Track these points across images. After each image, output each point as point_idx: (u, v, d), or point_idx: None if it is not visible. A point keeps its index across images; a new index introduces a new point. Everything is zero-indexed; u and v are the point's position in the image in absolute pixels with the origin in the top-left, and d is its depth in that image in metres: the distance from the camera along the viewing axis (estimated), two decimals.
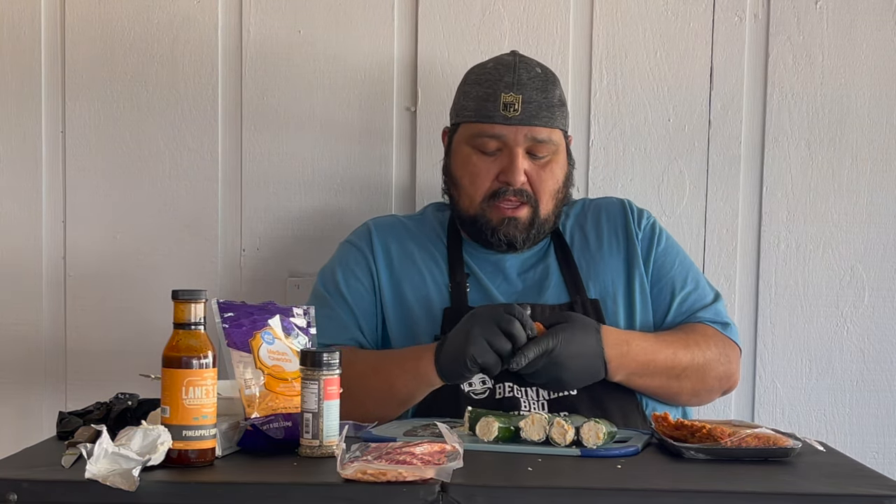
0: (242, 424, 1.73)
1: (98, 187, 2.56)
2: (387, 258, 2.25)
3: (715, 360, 2.15)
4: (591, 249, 2.25)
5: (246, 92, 2.54)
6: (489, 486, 1.53)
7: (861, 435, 2.53)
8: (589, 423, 1.76)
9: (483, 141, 2.18)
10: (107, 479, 1.50)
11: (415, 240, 2.28)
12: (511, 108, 2.15)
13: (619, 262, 2.24)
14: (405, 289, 2.22)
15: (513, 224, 2.18)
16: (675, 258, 2.27)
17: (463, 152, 2.21)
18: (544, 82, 2.20)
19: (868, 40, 2.51)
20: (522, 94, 2.16)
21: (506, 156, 2.17)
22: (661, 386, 2.12)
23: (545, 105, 2.18)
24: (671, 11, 2.52)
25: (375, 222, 2.33)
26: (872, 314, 2.53)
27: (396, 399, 2.09)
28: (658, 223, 2.31)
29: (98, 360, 2.55)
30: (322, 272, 2.30)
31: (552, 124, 2.18)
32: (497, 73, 2.19)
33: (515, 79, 2.17)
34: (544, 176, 2.19)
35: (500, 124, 2.16)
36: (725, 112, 2.52)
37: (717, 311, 2.23)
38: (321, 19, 2.53)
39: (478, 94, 2.19)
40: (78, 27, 2.54)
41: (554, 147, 2.19)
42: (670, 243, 2.29)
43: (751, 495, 1.54)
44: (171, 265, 2.55)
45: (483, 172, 2.18)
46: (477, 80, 2.22)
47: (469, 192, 2.20)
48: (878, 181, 2.52)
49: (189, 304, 1.65)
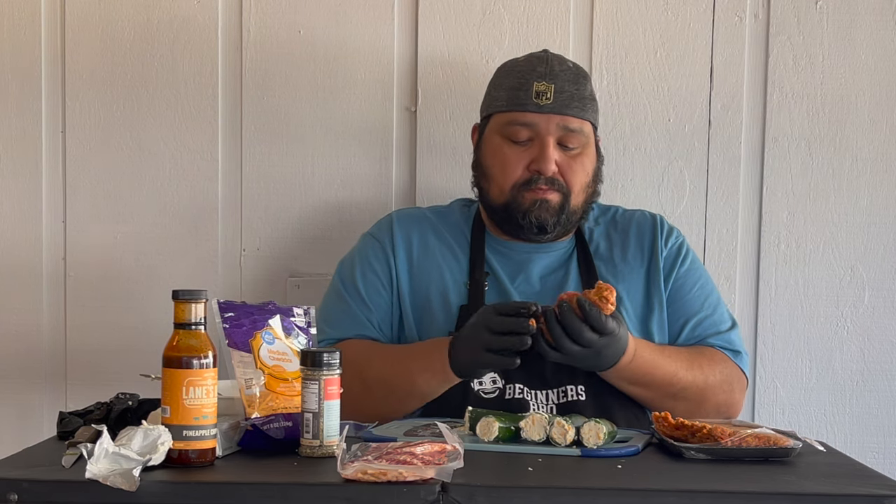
0: (243, 424, 1.72)
1: (98, 187, 2.56)
2: (407, 251, 2.23)
3: (717, 386, 2.13)
4: (615, 260, 2.24)
5: (246, 92, 2.54)
6: (489, 486, 1.53)
7: (861, 435, 2.53)
8: (589, 423, 1.76)
9: (515, 129, 2.16)
10: (107, 479, 1.50)
11: (437, 234, 2.26)
12: (543, 96, 2.15)
13: (639, 277, 2.22)
14: (423, 283, 2.21)
15: (544, 206, 2.15)
16: (697, 281, 2.24)
17: (494, 142, 2.20)
18: (576, 75, 2.20)
19: (868, 40, 2.51)
20: (555, 83, 2.16)
21: (537, 145, 2.16)
22: (654, 399, 2.10)
23: (577, 96, 2.17)
24: (671, 11, 2.52)
25: (399, 214, 2.32)
26: (872, 314, 2.53)
27: (418, 394, 2.07)
28: (687, 245, 2.28)
29: (98, 360, 2.55)
30: (341, 264, 2.28)
31: (583, 115, 2.18)
32: (530, 65, 2.20)
33: (548, 69, 2.17)
34: (575, 167, 2.17)
35: (532, 112, 2.15)
36: (725, 112, 2.52)
37: (730, 339, 2.20)
38: (321, 19, 2.53)
39: (510, 85, 2.19)
40: (78, 27, 2.54)
41: (585, 139, 2.18)
42: (694, 266, 2.26)
43: (751, 495, 1.54)
44: (171, 265, 2.55)
45: (514, 161, 2.16)
46: (509, 72, 2.22)
47: (499, 182, 2.18)
48: (878, 181, 2.52)
49: (189, 304, 1.65)
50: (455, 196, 2.42)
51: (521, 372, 2.01)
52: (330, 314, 2.21)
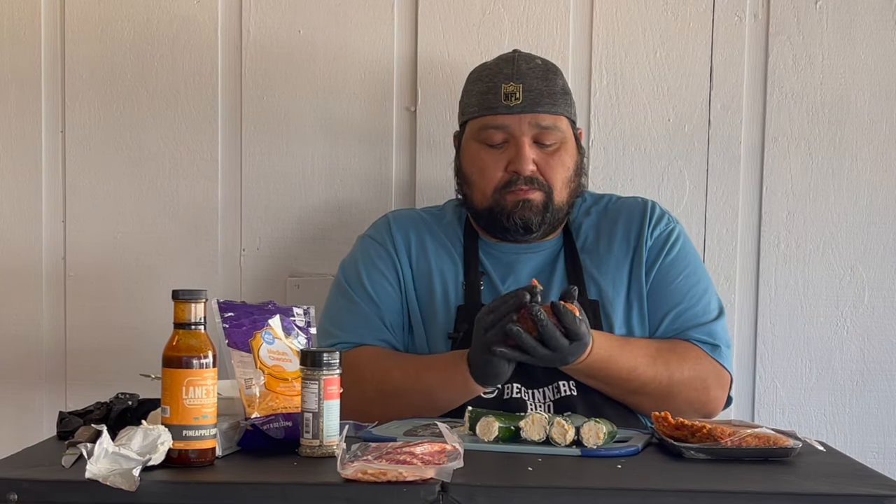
0: (243, 424, 1.72)
1: (98, 187, 2.56)
2: (407, 252, 2.24)
3: (685, 383, 2.08)
4: (601, 251, 2.22)
5: (246, 92, 2.54)
6: (489, 486, 1.53)
7: (861, 435, 2.53)
8: (589, 423, 1.76)
9: (489, 133, 2.17)
10: (107, 478, 1.50)
11: (432, 234, 2.26)
12: (512, 97, 2.15)
13: (623, 268, 2.20)
14: (425, 283, 2.21)
15: (527, 206, 2.15)
16: (683, 271, 2.20)
17: (471, 149, 2.20)
18: (545, 72, 2.20)
19: (868, 40, 2.51)
20: (523, 82, 2.16)
21: (512, 146, 2.16)
22: (614, 393, 2.07)
23: (547, 93, 2.17)
24: (671, 11, 2.52)
25: (394, 215, 2.32)
26: (872, 314, 2.53)
27: (438, 408, 2.06)
28: (678, 232, 2.24)
29: (98, 360, 2.55)
30: (343, 267, 2.27)
31: (556, 111, 2.18)
32: (497, 68, 2.20)
33: (515, 69, 2.18)
34: (553, 163, 2.17)
35: (502, 114, 2.15)
36: (725, 112, 2.52)
37: (712, 331, 2.15)
38: (321, 19, 2.53)
39: (480, 90, 2.20)
40: (78, 27, 2.54)
41: (561, 134, 2.18)
42: (682, 255, 2.22)
43: (751, 495, 1.54)
44: (171, 265, 2.55)
45: (492, 165, 2.17)
46: (478, 77, 2.23)
47: (480, 187, 2.18)
48: (878, 181, 2.52)
49: (189, 304, 1.65)
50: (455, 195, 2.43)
51: (517, 372, 2.01)
52: (340, 317, 2.20)
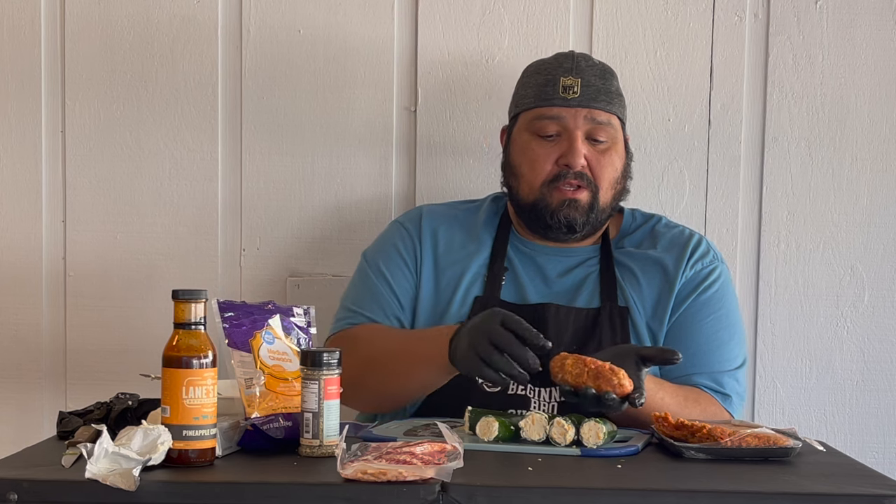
0: (243, 424, 1.73)
1: (98, 187, 2.56)
2: (433, 244, 2.24)
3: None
4: (635, 271, 2.17)
5: (246, 92, 2.54)
6: (489, 486, 1.53)
7: (861, 435, 2.53)
8: (589, 423, 1.76)
9: (543, 124, 2.16)
10: (107, 478, 1.50)
11: (463, 228, 2.26)
12: (570, 90, 2.15)
13: (652, 293, 2.16)
14: (444, 276, 2.21)
15: (573, 206, 2.14)
16: (713, 313, 2.15)
17: (522, 140, 2.19)
18: (603, 71, 2.21)
19: (868, 40, 2.51)
20: (582, 77, 2.16)
21: (565, 139, 2.15)
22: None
23: (604, 90, 2.18)
24: (671, 11, 2.52)
25: (429, 208, 2.32)
26: (872, 314, 2.53)
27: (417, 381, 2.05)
28: (719, 274, 2.19)
29: (98, 360, 2.55)
30: (366, 250, 2.30)
31: (611, 109, 2.18)
32: (556, 61, 2.21)
33: (574, 65, 2.18)
34: (604, 162, 2.16)
35: (559, 106, 2.15)
36: (725, 112, 2.52)
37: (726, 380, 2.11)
38: (321, 19, 2.53)
39: (537, 82, 2.20)
40: (78, 27, 2.54)
41: (614, 132, 2.18)
42: (717, 297, 2.17)
43: (751, 495, 1.54)
44: (171, 265, 2.55)
45: (543, 157, 2.16)
46: (536, 69, 2.23)
47: (528, 178, 2.17)
48: (878, 181, 2.52)
49: (189, 304, 1.65)
50: (455, 196, 2.44)
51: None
52: (353, 294, 2.23)
